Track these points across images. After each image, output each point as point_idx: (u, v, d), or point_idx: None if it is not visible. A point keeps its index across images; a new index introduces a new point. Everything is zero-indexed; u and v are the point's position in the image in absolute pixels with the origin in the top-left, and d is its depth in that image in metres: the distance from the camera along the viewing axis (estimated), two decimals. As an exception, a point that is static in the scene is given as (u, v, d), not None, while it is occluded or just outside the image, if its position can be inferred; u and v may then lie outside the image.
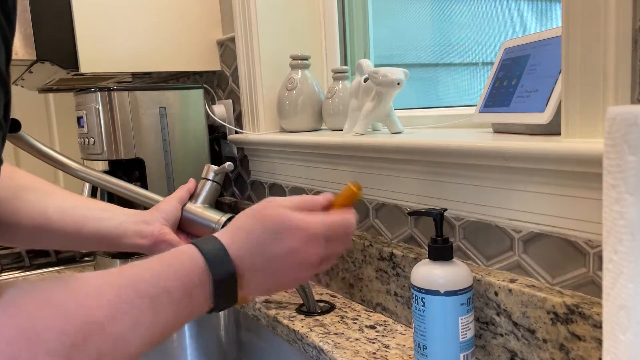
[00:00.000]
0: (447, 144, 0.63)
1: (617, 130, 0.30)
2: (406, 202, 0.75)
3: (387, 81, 0.75)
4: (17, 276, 1.03)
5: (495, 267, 0.63)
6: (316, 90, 1.03)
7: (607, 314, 0.32)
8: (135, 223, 0.71)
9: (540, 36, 0.65)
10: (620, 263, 0.30)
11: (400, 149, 0.71)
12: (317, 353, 0.70)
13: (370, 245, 0.79)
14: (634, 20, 0.47)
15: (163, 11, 1.15)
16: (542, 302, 0.55)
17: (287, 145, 0.97)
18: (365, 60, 0.87)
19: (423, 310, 0.59)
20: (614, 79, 0.48)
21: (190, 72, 1.36)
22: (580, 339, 0.52)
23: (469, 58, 0.96)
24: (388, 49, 1.13)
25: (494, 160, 0.59)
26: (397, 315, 0.76)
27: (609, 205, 0.31)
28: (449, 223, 0.68)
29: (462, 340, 0.58)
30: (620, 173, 0.30)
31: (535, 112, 0.60)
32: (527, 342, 0.57)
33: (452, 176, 0.66)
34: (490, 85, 0.71)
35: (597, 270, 0.53)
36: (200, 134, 1.11)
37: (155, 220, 0.73)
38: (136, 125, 1.03)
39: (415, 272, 0.60)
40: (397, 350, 0.67)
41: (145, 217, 0.73)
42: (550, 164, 0.53)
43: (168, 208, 0.74)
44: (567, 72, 0.52)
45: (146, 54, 1.14)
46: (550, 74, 0.60)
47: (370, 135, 0.82)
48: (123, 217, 0.71)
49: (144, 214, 0.73)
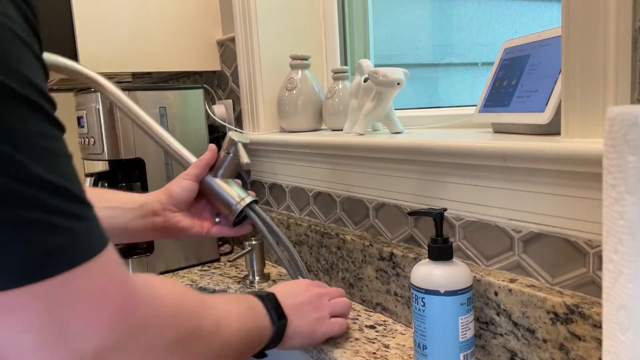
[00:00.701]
0: (447, 144, 0.63)
1: (617, 130, 0.30)
2: (406, 202, 0.75)
3: (387, 81, 0.75)
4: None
5: (495, 267, 0.63)
6: (316, 90, 1.03)
7: (607, 314, 0.32)
8: (143, 218, 0.71)
9: (540, 36, 0.65)
10: (620, 263, 0.30)
11: (400, 149, 0.71)
12: (317, 353, 0.70)
13: (370, 245, 0.79)
14: (634, 20, 0.47)
15: (163, 11, 1.15)
16: (542, 302, 0.55)
17: (287, 145, 0.97)
18: (365, 60, 0.87)
19: (423, 310, 0.59)
20: (614, 79, 0.48)
21: (190, 72, 1.36)
22: (580, 339, 0.52)
23: (469, 58, 0.96)
24: (388, 49, 1.13)
25: (494, 160, 0.59)
26: (397, 315, 0.76)
27: (609, 205, 0.31)
28: (449, 223, 0.68)
29: (462, 340, 0.58)
30: (620, 173, 0.30)
31: (535, 112, 0.60)
32: (527, 342, 0.57)
33: (452, 176, 0.66)
34: (490, 85, 0.71)
35: (597, 270, 0.53)
36: (200, 134, 1.11)
37: (164, 210, 0.73)
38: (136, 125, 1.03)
39: (415, 272, 0.60)
40: (397, 350, 0.67)
41: (154, 207, 0.72)
42: (550, 164, 0.53)
43: (179, 191, 0.73)
44: (567, 72, 0.52)
45: (146, 54, 1.14)
46: (550, 74, 0.60)
47: (370, 135, 0.82)
48: (130, 215, 0.71)
49: (152, 203, 0.73)
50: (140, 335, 0.39)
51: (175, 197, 0.73)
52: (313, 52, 1.09)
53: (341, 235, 0.85)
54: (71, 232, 0.35)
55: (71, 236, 0.35)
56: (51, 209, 0.34)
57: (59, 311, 0.35)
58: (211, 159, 0.77)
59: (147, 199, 0.73)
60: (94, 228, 0.37)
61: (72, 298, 0.35)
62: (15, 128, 0.33)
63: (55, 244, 0.34)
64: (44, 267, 0.34)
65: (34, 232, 0.33)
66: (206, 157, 0.76)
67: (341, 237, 0.85)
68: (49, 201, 0.34)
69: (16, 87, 0.33)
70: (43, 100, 0.35)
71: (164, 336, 0.41)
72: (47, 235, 0.34)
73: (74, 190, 0.36)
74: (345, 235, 0.84)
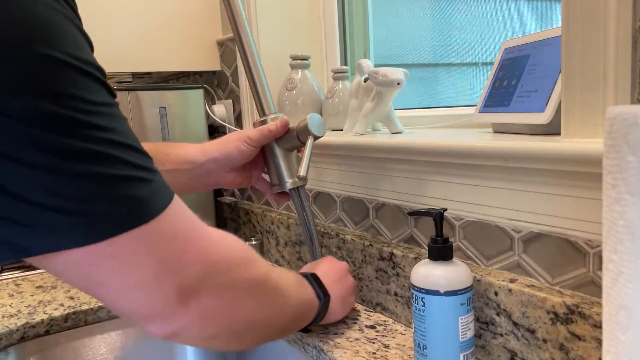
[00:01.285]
0: (447, 144, 0.63)
1: (617, 130, 0.30)
2: (406, 202, 0.75)
3: (387, 81, 0.75)
4: (17, 276, 1.04)
5: (495, 267, 0.63)
6: (316, 90, 1.03)
7: (607, 314, 0.32)
8: (197, 178, 0.74)
9: (540, 36, 0.65)
10: (620, 263, 0.30)
11: (400, 149, 0.71)
12: (317, 353, 0.70)
13: (370, 245, 0.79)
14: (634, 20, 0.47)
15: (163, 11, 1.15)
16: (542, 302, 0.55)
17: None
18: (365, 60, 0.87)
19: (423, 310, 0.59)
20: (614, 79, 0.48)
21: (190, 72, 1.36)
22: (580, 339, 0.52)
23: (469, 58, 0.96)
24: (388, 49, 1.13)
25: (494, 160, 0.59)
26: (397, 315, 0.76)
27: (609, 205, 0.31)
28: (449, 223, 0.68)
29: (462, 340, 0.58)
30: (620, 173, 0.30)
31: (535, 112, 0.60)
32: (527, 342, 0.57)
33: (452, 176, 0.66)
34: (490, 85, 0.71)
35: (597, 270, 0.53)
36: (200, 134, 1.11)
37: (218, 170, 0.74)
38: (136, 125, 1.03)
39: (415, 272, 0.60)
40: (397, 350, 0.67)
41: (209, 168, 0.73)
42: (550, 164, 0.53)
43: (237, 155, 0.73)
44: (567, 72, 0.52)
45: (146, 54, 1.14)
46: (550, 74, 0.60)
47: (370, 135, 0.82)
48: (186, 176, 0.73)
49: (208, 163, 0.73)
50: (223, 273, 0.47)
51: (232, 160, 0.74)
52: (313, 52, 1.09)
53: (341, 235, 0.85)
54: (153, 182, 0.41)
55: (154, 185, 0.41)
56: (133, 164, 0.40)
57: (156, 251, 0.41)
58: (280, 133, 0.74)
59: (202, 160, 0.73)
60: (162, 179, 0.43)
61: (164, 240, 0.42)
62: (85, 99, 0.38)
63: (145, 193, 0.40)
64: (140, 213, 0.40)
65: (127, 185, 0.39)
66: (276, 130, 0.73)
67: (341, 237, 0.85)
68: (129, 158, 0.40)
69: (80, 65, 0.38)
70: (98, 72, 0.40)
71: (242, 277, 0.50)
72: (136, 186, 0.40)
73: (139, 148, 0.41)
74: (345, 235, 0.84)
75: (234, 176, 0.76)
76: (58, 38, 0.37)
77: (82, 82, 0.38)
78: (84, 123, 0.37)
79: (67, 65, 0.37)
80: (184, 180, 0.73)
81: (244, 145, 0.73)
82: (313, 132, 0.72)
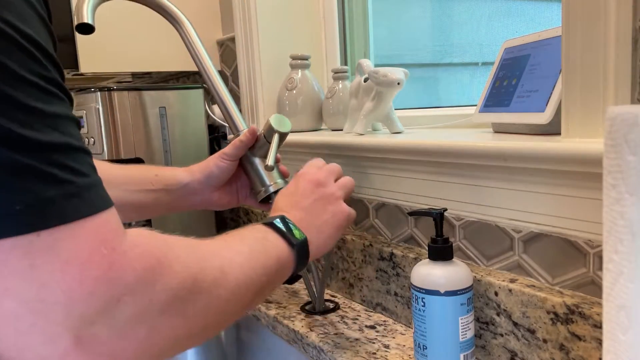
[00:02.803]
0: (447, 144, 0.63)
1: (617, 130, 0.30)
2: (406, 202, 0.75)
3: (387, 81, 0.75)
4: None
5: (495, 267, 0.63)
6: (316, 90, 1.03)
7: (607, 314, 0.32)
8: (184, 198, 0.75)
9: (540, 36, 0.65)
10: (621, 263, 0.30)
11: (400, 149, 0.71)
12: (317, 353, 0.70)
13: (370, 245, 0.79)
14: (634, 20, 0.47)
15: (163, 11, 1.14)
16: (542, 302, 0.55)
17: (287, 145, 0.97)
18: (365, 60, 0.87)
19: (423, 310, 0.59)
20: (614, 79, 0.48)
21: (190, 72, 1.36)
22: (580, 339, 0.52)
23: (469, 58, 0.96)
24: (388, 49, 1.13)
25: (494, 160, 0.59)
26: (397, 315, 0.76)
27: (609, 205, 0.31)
28: (449, 223, 0.68)
29: (462, 340, 0.58)
30: (620, 173, 0.30)
31: (535, 112, 0.60)
32: (527, 342, 0.57)
33: (452, 176, 0.66)
34: (490, 85, 0.71)
35: (597, 270, 0.53)
36: (200, 134, 1.11)
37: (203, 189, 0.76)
38: (136, 125, 1.03)
39: (415, 272, 0.60)
40: (397, 350, 0.67)
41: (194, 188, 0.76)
42: (550, 164, 0.53)
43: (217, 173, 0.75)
44: (567, 72, 0.52)
45: (146, 54, 1.14)
46: (550, 74, 0.60)
47: (370, 135, 0.82)
48: (172, 196, 0.75)
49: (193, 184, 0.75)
50: (126, 304, 0.35)
51: (214, 178, 0.76)
52: (313, 52, 1.09)
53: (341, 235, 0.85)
54: (67, 185, 0.33)
55: (66, 191, 0.32)
56: (49, 159, 0.32)
57: (38, 274, 0.31)
58: (250, 141, 0.76)
59: (187, 180, 0.76)
60: (93, 188, 0.35)
61: (53, 261, 0.32)
62: (18, 74, 0.31)
63: (47, 196, 0.31)
64: (30, 218, 0.31)
65: (26, 180, 0.31)
66: (246, 139, 0.76)
67: (341, 237, 0.85)
68: (47, 152, 0.32)
69: (18, 37, 0.32)
70: (40, 52, 0.34)
71: (155, 300, 0.37)
72: (39, 185, 0.31)
73: (73, 144, 0.34)
74: (345, 235, 0.84)
75: (219, 196, 0.78)
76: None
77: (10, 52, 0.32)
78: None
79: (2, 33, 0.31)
80: (172, 199, 0.75)
81: (221, 161, 0.76)
82: (277, 129, 0.74)
